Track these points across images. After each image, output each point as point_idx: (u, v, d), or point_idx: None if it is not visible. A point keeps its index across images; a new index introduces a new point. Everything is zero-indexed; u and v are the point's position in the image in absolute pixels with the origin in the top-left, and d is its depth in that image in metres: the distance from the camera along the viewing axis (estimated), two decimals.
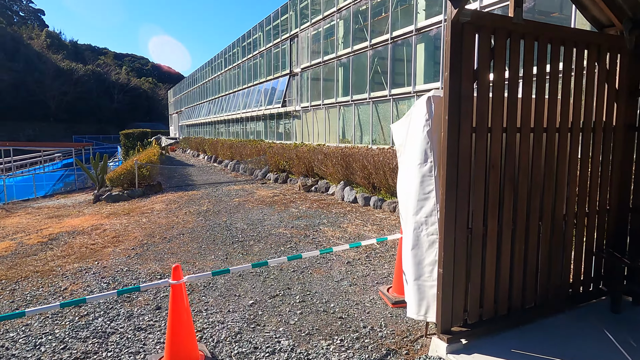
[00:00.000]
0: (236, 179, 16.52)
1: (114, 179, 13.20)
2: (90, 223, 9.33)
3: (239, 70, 26.27)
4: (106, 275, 5.66)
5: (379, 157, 9.53)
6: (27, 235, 8.56)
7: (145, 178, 13.71)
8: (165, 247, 7.01)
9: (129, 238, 7.76)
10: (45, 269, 6.12)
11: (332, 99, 14.59)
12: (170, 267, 5.97)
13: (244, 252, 6.59)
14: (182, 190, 13.78)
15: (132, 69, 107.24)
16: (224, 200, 11.42)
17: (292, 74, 18.40)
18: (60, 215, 10.95)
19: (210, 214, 9.73)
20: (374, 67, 12.22)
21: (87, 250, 7.03)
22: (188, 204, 11.14)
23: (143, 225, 8.84)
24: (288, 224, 8.38)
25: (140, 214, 10.16)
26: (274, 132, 20.29)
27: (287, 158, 14.39)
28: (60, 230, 8.71)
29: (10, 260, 6.74)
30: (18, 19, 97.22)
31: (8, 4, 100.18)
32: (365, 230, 7.67)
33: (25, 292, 5.16)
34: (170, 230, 8.27)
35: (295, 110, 17.75)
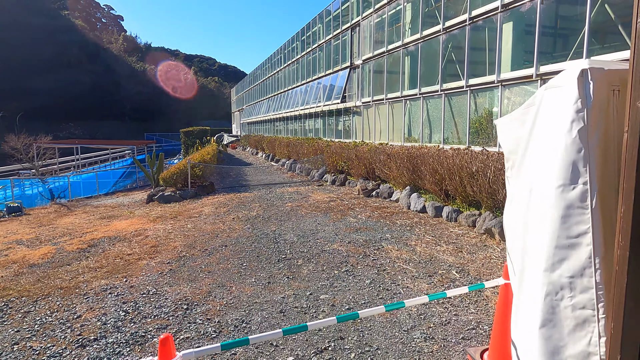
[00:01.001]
0: (292, 179, 15.62)
1: (167, 179, 12.80)
2: (135, 227, 8.77)
3: (297, 66, 25.48)
4: (129, 300, 4.81)
5: (453, 160, 8.01)
6: (71, 239, 8.14)
7: (198, 178, 13.19)
8: (203, 263, 6.11)
9: (167, 248, 6.99)
10: (71, 285, 5.43)
11: (396, 93, 13.13)
12: (203, 290, 5.01)
13: (290, 275, 5.47)
14: (235, 191, 13.09)
15: (200, 69, 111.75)
16: (275, 205, 10.46)
17: (353, 67, 17.12)
18: (112, 216, 10.62)
19: (259, 221, 8.79)
20: (447, 55, 10.61)
21: (121, 262, 6.31)
22: (238, 207, 10.32)
23: (186, 232, 8.08)
24: (344, 238, 7.16)
25: (187, 218, 9.48)
26: (333, 129, 19.18)
27: (345, 158, 13.18)
28: (103, 235, 8.20)
29: (42, 270, 6.19)
30: (100, 25, 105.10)
31: (92, 11, 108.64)
32: (438, 251, 6.24)
33: (36, 318, 4.43)
34: (213, 240, 7.40)
35: (355, 105, 16.47)
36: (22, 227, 9.96)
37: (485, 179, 7.11)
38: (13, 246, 7.88)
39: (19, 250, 7.49)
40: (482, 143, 9.54)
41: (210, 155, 15.59)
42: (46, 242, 8.02)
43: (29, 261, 6.70)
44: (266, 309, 4.44)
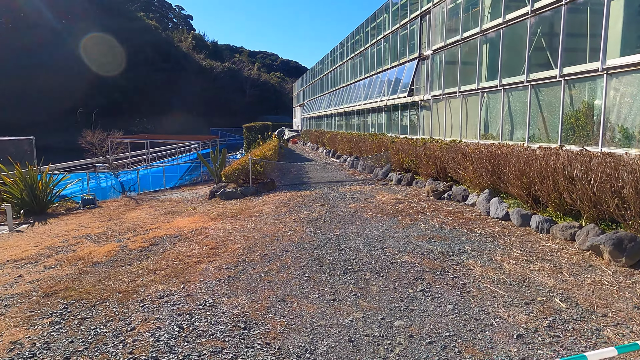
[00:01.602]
0: (354, 177, 14.97)
1: (229, 175, 12.71)
2: (196, 226, 8.61)
3: (361, 59, 24.67)
4: (184, 311, 4.46)
5: (546, 161, 6.91)
6: (135, 235, 8.13)
7: (259, 174, 12.97)
8: (262, 270, 5.67)
9: (227, 251, 6.66)
10: (129, 288, 5.22)
11: (472, 85, 11.97)
12: (262, 305, 4.54)
13: (358, 291, 4.85)
14: (296, 189, 12.70)
15: (263, 65, 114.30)
16: (338, 206, 9.88)
17: (422, 58, 16.05)
18: (175, 212, 10.64)
19: (321, 223, 8.25)
20: (536, 41, 9.34)
21: (180, 265, 6.06)
22: (299, 207, 9.88)
23: (247, 233, 7.75)
24: (416, 247, 6.40)
25: (248, 217, 9.19)
26: (398, 125, 18.22)
27: (413, 156, 12.28)
28: (165, 233, 8.11)
29: (105, 269, 6.10)
30: (172, 24, 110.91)
31: (165, 12, 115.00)
32: (532, 271, 5.30)
33: (91, 327, 4.20)
34: (274, 243, 6.97)
35: (423, 99, 15.42)
36: (93, 221, 10.25)
37: (588, 185, 5.99)
38: (82, 241, 8.01)
39: (86, 246, 7.57)
40: (579, 142, 8.26)
41: (272, 152, 15.37)
42: (112, 238, 8.07)
43: (94, 258, 6.68)
44: (332, 335, 3.85)
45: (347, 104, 26.69)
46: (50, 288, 5.38)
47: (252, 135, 24.19)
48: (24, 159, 15.27)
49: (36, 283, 5.68)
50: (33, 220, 11.12)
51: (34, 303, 4.93)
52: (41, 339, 3.98)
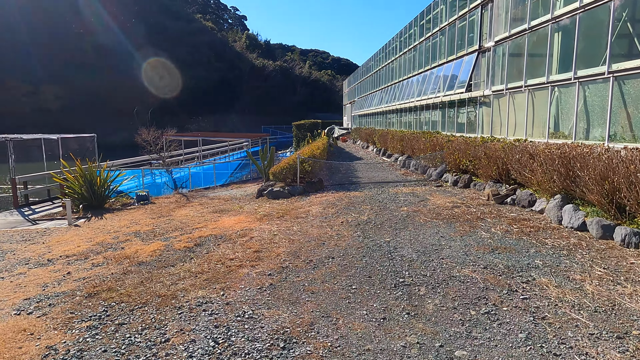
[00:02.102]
0: (406, 178, 14.25)
1: (277, 174, 12.49)
2: (242, 226, 8.41)
3: (415, 53, 23.68)
4: (221, 323, 4.15)
5: (635, 164, 5.95)
6: (181, 234, 8.06)
7: (307, 173, 12.65)
8: (307, 279, 5.27)
9: (271, 255, 6.34)
10: (169, 293, 5.02)
11: (540, 79, 10.87)
12: (304, 320, 4.14)
13: (412, 310, 4.31)
14: (344, 189, 12.23)
15: (314, 63, 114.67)
16: (389, 208, 9.30)
17: (482, 51, 14.95)
18: (223, 211, 10.56)
19: (370, 227, 7.73)
20: (620, 27, 8.21)
21: (222, 269, 5.81)
22: (347, 209, 9.41)
23: (292, 235, 7.40)
24: (477, 259, 5.72)
25: (294, 218, 8.86)
26: (453, 122, 17.20)
27: (471, 156, 11.39)
28: (210, 233, 7.96)
29: (148, 269, 5.99)
30: (227, 25, 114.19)
31: (220, 13, 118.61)
32: (621, 295, 4.48)
33: (126, 335, 4.00)
34: (320, 249, 6.56)
35: (483, 95, 14.36)
36: (144, 217, 10.39)
37: None
38: (131, 238, 8.05)
39: (134, 244, 7.58)
40: None
41: (320, 150, 15.02)
42: (159, 237, 8.05)
43: (139, 258, 6.62)
44: None
45: (399, 101, 25.80)
46: (94, 288, 5.32)
47: (302, 133, 24.01)
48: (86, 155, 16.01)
49: (82, 282, 5.66)
50: (90, 214, 11.51)
51: (76, 304, 4.86)
52: (76, 346, 3.82)
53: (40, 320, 4.45)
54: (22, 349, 3.78)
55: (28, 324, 4.34)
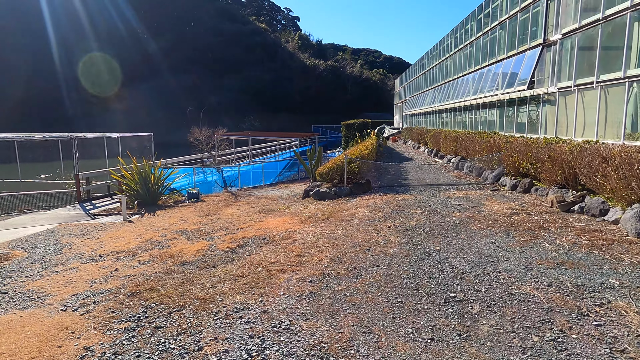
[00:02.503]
0: (459, 180, 13.50)
1: (323, 174, 12.27)
2: (285, 228, 8.26)
3: (471, 50, 22.53)
4: (257, 333, 3.96)
5: None
6: (226, 234, 8.05)
7: (355, 174, 12.31)
8: (349, 288, 4.98)
9: (313, 260, 6.10)
10: (208, 296, 4.93)
11: (615, 73, 9.80)
12: (343, 335, 3.85)
13: (463, 330, 3.88)
14: (392, 191, 11.77)
15: (366, 62, 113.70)
16: (439, 213, 8.76)
17: (546, 44, 13.81)
18: (268, 211, 10.50)
19: (419, 233, 7.28)
20: None
21: (262, 273, 5.65)
22: (395, 213, 8.98)
23: (336, 240, 7.13)
24: (540, 275, 5.13)
25: (339, 221, 8.58)
26: (512, 122, 16.10)
27: (532, 158, 10.52)
28: (254, 234, 7.88)
29: (190, 270, 5.97)
30: (280, 26, 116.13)
31: (274, 15, 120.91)
32: None
33: (161, 340, 3.91)
34: (364, 255, 6.23)
35: (547, 92, 13.26)
36: (193, 215, 10.57)
37: None
38: (177, 237, 8.16)
39: (180, 243, 7.65)
40: None
41: (369, 150, 14.61)
42: (204, 236, 8.09)
43: (183, 257, 6.64)
44: None
45: (452, 100, 24.71)
46: (137, 287, 5.35)
47: (350, 132, 23.66)
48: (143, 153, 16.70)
49: (127, 279, 5.73)
50: (144, 211, 11.91)
51: (118, 302, 4.89)
52: (112, 349, 3.79)
53: (82, 318, 4.49)
54: (62, 348, 3.80)
55: (71, 322, 4.39)
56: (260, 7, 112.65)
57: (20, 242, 8.39)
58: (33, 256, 7.32)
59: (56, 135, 16.18)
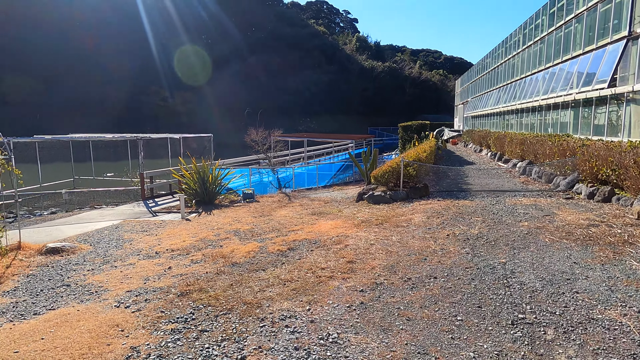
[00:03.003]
0: (526, 186, 12.50)
1: (378, 177, 11.88)
2: (337, 232, 8.00)
3: (541, 46, 20.95)
4: (302, 345, 3.74)
5: None
6: (277, 237, 7.95)
7: (411, 178, 11.79)
8: (402, 301, 4.62)
9: (365, 267, 5.80)
10: (255, 300, 4.80)
11: None
12: (395, 355, 3.52)
13: (535, 359, 3.39)
14: (452, 197, 11.11)
15: (425, 63, 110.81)
16: (505, 222, 8.07)
17: (632, 37, 12.41)
18: (321, 213, 10.32)
19: (481, 244, 6.71)
20: None
21: (311, 279, 5.44)
22: (454, 220, 8.41)
23: (390, 246, 6.76)
24: (628, 298, 4.45)
25: (394, 226, 8.18)
26: (589, 124, 14.68)
27: (614, 164, 9.44)
28: (305, 237, 7.71)
29: (239, 272, 5.90)
30: (338, 29, 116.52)
31: (333, 17, 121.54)
32: None
33: (205, 345, 3.82)
34: (420, 264, 5.81)
35: (632, 91, 11.91)
36: (247, 215, 10.64)
37: None
38: (230, 237, 8.19)
39: (232, 243, 7.66)
40: None
41: (427, 153, 13.98)
42: (256, 237, 8.05)
43: (233, 258, 6.60)
44: None
45: (519, 100, 23.17)
46: (187, 287, 5.35)
47: (408, 135, 22.97)
48: (203, 154, 17.24)
49: (179, 278, 5.77)
50: (201, 210, 12.21)
51: (168, 302, 4.89)
52: (157, 350, 3.73)
53: (133, 316, 4.53)
54: (110, 347, 3.81)
55: (122, 319, 4.44)
56: (319, 10, 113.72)
57: (88, 236, 8.85)
58: (97, 250, 7.66)
59: (124, 135, 17.15)
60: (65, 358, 3.62)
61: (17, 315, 4.71)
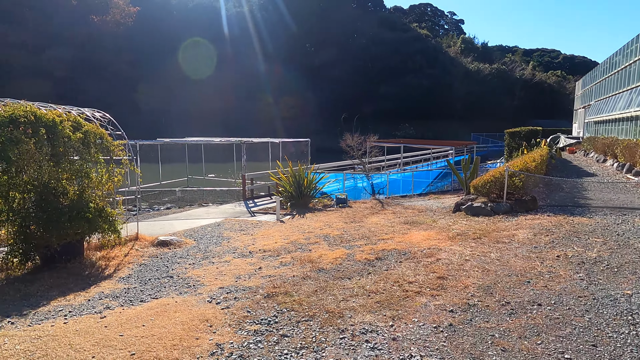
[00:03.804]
0: None
1: (479, 187, 11.04)
2: (429, 244, 7.59)
3: None
4: None
5: None
6: (365, 244, 7.81)
7: (517, 189, 10.73)
8: (498, 328, 4.16)
9: (457, 285, 5.38)
10: (337, 309, 4.73)
11: None
12: None
13: None
14: (565, 212, 9.85)
15: (540, 64, 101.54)
16: (633, 246, 6.88)
17: None
18: (413, 223, 9.92)
19: (600, 269, 5.80)
20: None
21: (397, 292, 5.20)
22: (567, 239, 7.42)
23: (487, 264, 6.19)
24: None
25: (494, 242, 7.50)
26: None
27: None
28: (395, 247, 7.45)
29: (325, 278, 5.90)
30: (442, 31, 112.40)
31: (437, 20, 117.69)
32: None
33: (284, 351, 3.85)
34: (521, 287, 5.21)
35: None
36: (338, 221, 10.67)
37: None
38: (319, 242, 8.26)
39: (320, 248, 7.70)
40: None
41: (537, 162, 12.60)
42: (344, 244, 8.00)
43: (320, 263, 6.62)
44: None
45: None
46: (274, 289, 5.48)
47: (515, 142, 21.07)
48: (300, 158, 17.79)
49: (267, 279, 5.94)
50: (295, 212, 12.58)
51: (255, 302, 5.05)
52: (239, 350, 3.85)
53: (222, 312, 4.75)
54: (198, 341, 4.03)
55: (212, 315, 4.68)
56: (422, 13, 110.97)
57: (193, 232, 9.64)
58: (199, 245, 8.29)
59: (230, 139, 18.46)
60: (159, 347, 3.91)
61: (127, 300, 5.26)
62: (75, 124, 7.20)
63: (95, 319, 4.67)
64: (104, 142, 7.69)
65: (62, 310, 4.99)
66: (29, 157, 6.20)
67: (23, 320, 4.71)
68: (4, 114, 6.24)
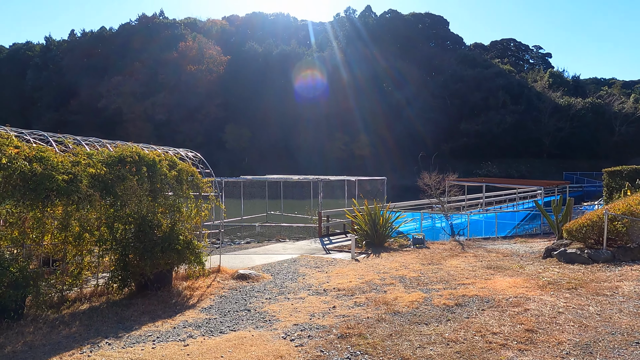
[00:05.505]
0: None
1: (573, 231, 10.06)
2: (516, 292, 7.02)
3: None
4: None
5: None
6: (444, 289, 7.44)
7: (620, 235, 9.59)
8: None
9: (549, 340, 4.88)
10: (413, 357, 4.55)
11: None
12: None
13: None
14: None
15: None
16: None
17: None
18: (497, 268, 9.28)
19: None
20: None
21: (480, 343, 4.85)
22: None
23: (585, 319, 5.56)
24: None
25: (593, 294, 6.73)
26: None
27: None
28: (476, 293, 7.00)
29: (400, 322, 5.70)
30: (527, 65, 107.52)
31: (521, 54, 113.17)
32: None
33: None
34: (629, 349, 4.59)
35: None
36: (415, 262, 10.33)
37: None
38: (395, 283, 8.04)
39: (396, 290, 7.49)
40: None
41: None
42: (422, 287, 7.69)
43: (396, 306, 6.42)
44: None
45: None
46: (348, 330, 5.40)
47: (616, 182, 18.95)
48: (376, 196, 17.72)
49: (341, 319, 5.89)
50: (370, 251, 12.42)
51: (328, 342, 5.02)
52: None
53: (295, 350, 4.78)
54: None
55: (286, 352, 4.73)
56: (505, 48, 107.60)
57: (270, 267, 9.94)
58: (275, 280, 8.50)
59: (307, 177, 19.02)
60: None
61: (208, 330, 5.52)
62: (171, 162, 7.99)
63: (179, 346, 4.95)
64: (194, 180, 8.40)
65: (151, 335, 5.37)
66: (131, 192, 6.96)
67: (118, 342, 5.15)
68: (114, 154, 7.14)
